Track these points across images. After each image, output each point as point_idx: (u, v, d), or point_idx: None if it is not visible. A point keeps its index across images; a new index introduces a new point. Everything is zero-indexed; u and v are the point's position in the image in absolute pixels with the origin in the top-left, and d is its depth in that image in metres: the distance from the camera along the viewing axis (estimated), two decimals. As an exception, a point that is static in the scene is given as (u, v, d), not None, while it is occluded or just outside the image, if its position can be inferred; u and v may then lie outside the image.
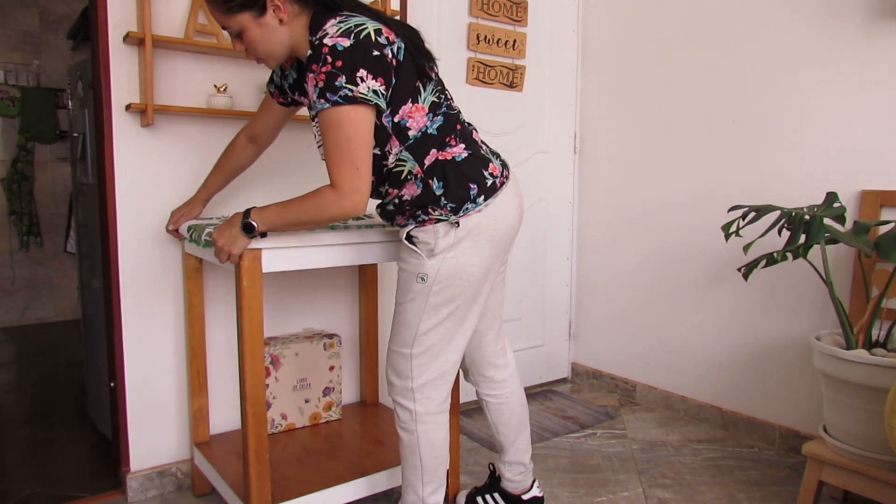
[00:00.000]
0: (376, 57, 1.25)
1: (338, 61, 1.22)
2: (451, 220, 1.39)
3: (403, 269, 1.48)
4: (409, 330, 1.47)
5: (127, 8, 1.80)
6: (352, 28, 1.25)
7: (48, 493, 2.00)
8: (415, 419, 1.50)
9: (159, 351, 1.94)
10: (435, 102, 1.39)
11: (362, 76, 1.23)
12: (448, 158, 1.39)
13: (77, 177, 2.51)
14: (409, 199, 1.42)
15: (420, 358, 1.48)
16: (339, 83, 1.22)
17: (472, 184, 1.39)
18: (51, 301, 4.52)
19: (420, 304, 1.44)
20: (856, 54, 2.09)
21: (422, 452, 1.52)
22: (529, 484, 1.80)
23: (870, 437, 1.66)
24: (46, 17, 4.36)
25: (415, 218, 1.43)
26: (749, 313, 2.42)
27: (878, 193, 2.03)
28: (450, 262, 1.41)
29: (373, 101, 1.25)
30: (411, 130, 1.36)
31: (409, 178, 1.40)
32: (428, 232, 1.41)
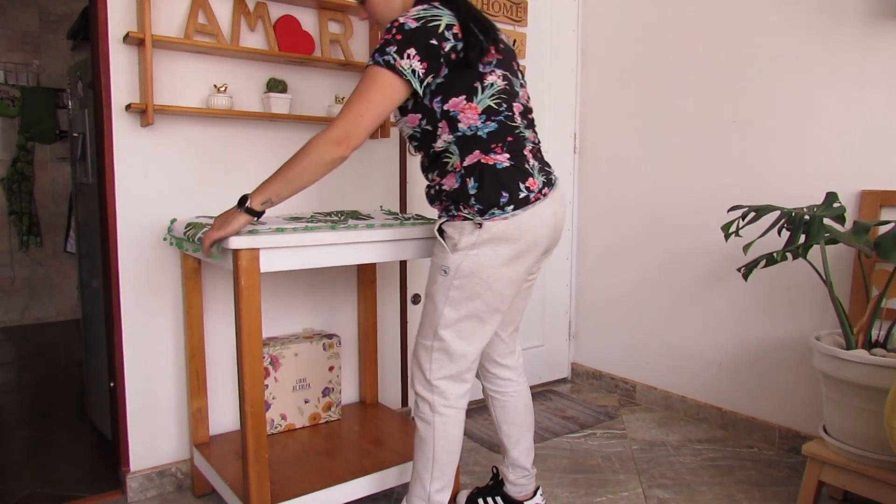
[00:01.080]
0: (431, 45, 1.38)
1: (398, 35, 1.38)
2: (476, 221, 1.46)
3: (432, 261, 1.56)
4: (431, 322, 1.53)
5: (127, 8, 1.80)
6: (425, 16, 1.39)
7: (48, 493, 2.00)
8: (432, 410, 1.55)
9: (159, 351, 1.94)
10: (492, 108, 1.47)
11: (410, 54, 1.37)
12: (489, 163, 1.46)
13: (77, 177, 2.51)
14: (447, 189, 1.51)
15: (440, 352, 1.53)
16: (390, 50, 1.37)
17: (505, 192, 1.45)
18: (51, 301, 4.52)
19: (442, 297, 1.51)
20: (856, 54, 2.09)
21: (436, 444, 1.56)
22: (532, 491, 1.80)
23: (869, 437, 1.66)
24: (46, 17, 4.36)
25: (447, 211, 1.52)
26: (749, 313, 2.42)
27: (877, 193, 2.03)
28: (470, 260, 1.47)
29: (407, 76, 1.38)
30: (461, 124, 1.46)
31: (451, 171, 1.50)
32: (455, 227, 1.49)
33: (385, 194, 2.37)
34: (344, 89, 2.23)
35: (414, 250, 1.75)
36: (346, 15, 2.18)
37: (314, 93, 2.17)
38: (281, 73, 2.09)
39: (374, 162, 2.34)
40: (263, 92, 2.05)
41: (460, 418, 1.57)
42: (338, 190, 2.26)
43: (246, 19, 2.00)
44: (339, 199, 2.26)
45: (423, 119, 1.49)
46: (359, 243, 1.64)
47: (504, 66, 1.51)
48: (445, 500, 1.61)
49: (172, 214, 1.92)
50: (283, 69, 2.10)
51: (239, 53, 1.96)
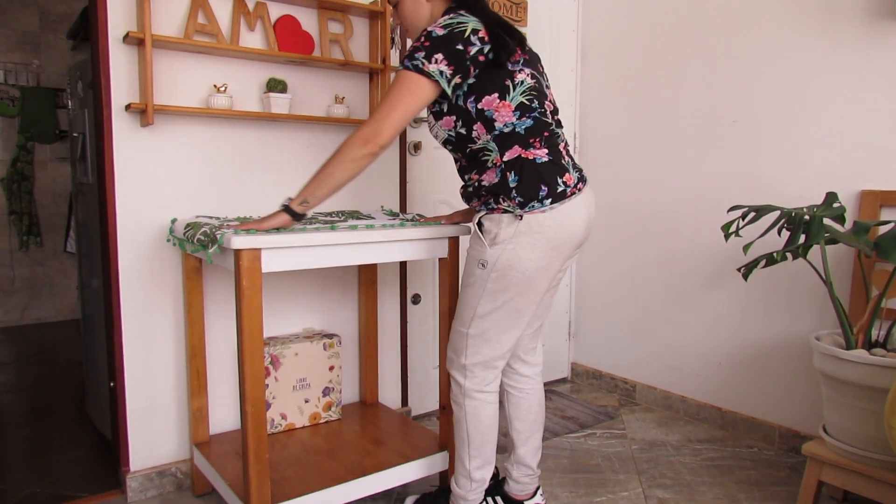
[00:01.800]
0: (458, 50, 1.46)
1: (426, 42, 1.47)
2: (516, 213, 1.51)
3: (469, 254, 1.61)
4: (468, 311, 1.60)
5: (127, 8, 1.80)
6: (452, 23, 1.48)
7: (48, 492, 2.00)
8: (464, 394, 1.64)
9: (159, 351, 1.94)
10: (525, 105, 1.53)
11: (437, 58, 1.45)
12: (529, 158, 1.52)
13: (77, 176, 2.51)
14: (486, 184, 1.55)
15: (475, 339, 1.60)
16: (419, 56, 1.46)
17: (544, 185, 1.51)
18: (50, 301, 4.52)
19: (479, 289, 1.57)
20: (856, 54, 2.09)
21: (468, 426, 1.65)
22: (533, 490, 1.82)
23: (869, 437, 1.66)
24: (46, 17, 4.36)
25: (486, 205, 1.56)
26: (749, 313, 2.42)
27: (877, 193, 2.03)
28: (508, 253, 1.52)
29: (436, 77, 1.46)
30: (497, 122, 1.52)
31: (491, 167, 1.55)
32: (493, 220, 1.54)
33: (385, 194, 2.37)
34: (344, 89, 2.23)
35: (414, 251, 1.75)
36: (345, 15, 2.18)
37: (314, 93, 2.17)
38: (281, 73, 2.09)
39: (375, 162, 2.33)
40: (263, 92, 2.05)
41: (491, 400, 1.65)
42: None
43: (246, 19, 2.00)
44: (338, 198, 2.26)
45: (458, 121, 1.55)
46: (360, 244, 1.64)
47: (531, 65, 1.57)
48: (487, 476, 1.70)
49: (172, 214, 1.92)
50: (283, 69, 2.10)
51: (239, 53, 1.96)
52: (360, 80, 2.27)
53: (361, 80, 2.28)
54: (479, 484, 1.69)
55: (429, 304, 2.60)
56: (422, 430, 2.04)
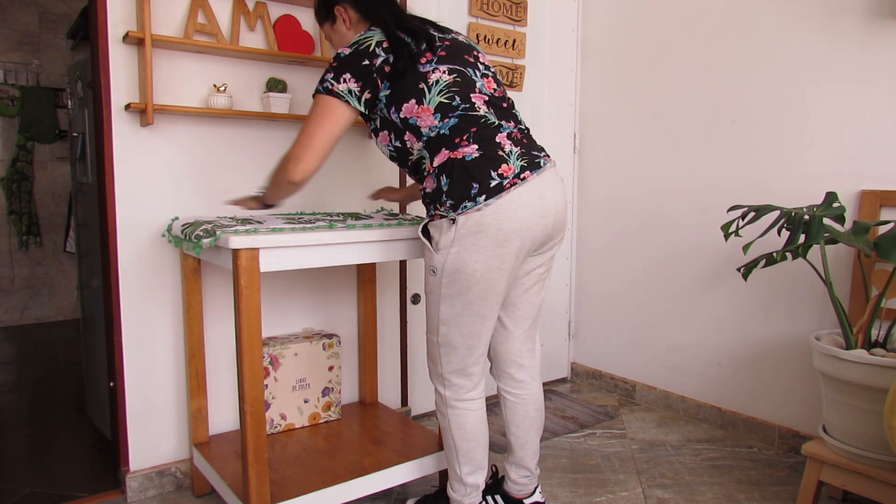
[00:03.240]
0: (363, 66, 1.50)
1: (335, 63, 1.52)
2: (449, 217, 1.47)
3: (424, 260, 1.61)
4: (432, 319, 1.59)
5: (126, 7, 1.80)
6: (358, 41, 1.52)
7: (48, 492, 2.00)
8: (445, 403, 1.63)
9: (158, 351, 1.94)
10: (444, 104, 1.50)
11: (345, 78, 1.50)
12: (458, 157, 1.48)
13: (76, 176, 2.51)
14: (428, 192, 1.55)
15: (444, 347, 1.59)
16: (328, 77, 1.51)
17: (475, 183, 1.45)
18: (50, 301, 4.52)
19: (436, 296, 1.56)
20: (856, 54, 2.09)
21: (454, 435, 1.64)
22: (532, 489, 1.81)
23: (869, 437, 1.66)
24: (46, 17, 4.36)
25: (428, 212, 1.56)
26: (749, 313, 2.42)
27: (877, 193, 2.03)
28: (453, 257, 1.49)
29: (345, 97, 1.50)
30: (422, 128, 1.52)
31: (427, 174, 1.55)
32: (435, 227, 1.52)
33: (385, 194, 2.37)
34: (344, 89, 2.23)
35: (413, 250, 1.75)
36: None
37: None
38: (280, 73, 2.09)
39: (375, 162, 2.34)
40: (263, 92, 2.05)
41: (474, 408, 1.63)
42: (338, 190, 2.26)
43: (245, 19, 2.00)
44: (339, 199, 2.26)
45: (391, 134, 1.58)
46: (357, 243, 1.64)
47: (450, 60, 1.54)
48: (479, 481, 1.68)
49: (172, 214, 1.92)
50: (283, 69, 2.10)
51: (238, 53, 1.96)
52: (360, 79, 2.27)
53: (361, 80, 2.28)
54: (472, 488, 1.68)
55: (428, 303, 2.60)
56: (421, 430, 2.04)
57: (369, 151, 2.33)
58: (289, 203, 2.14)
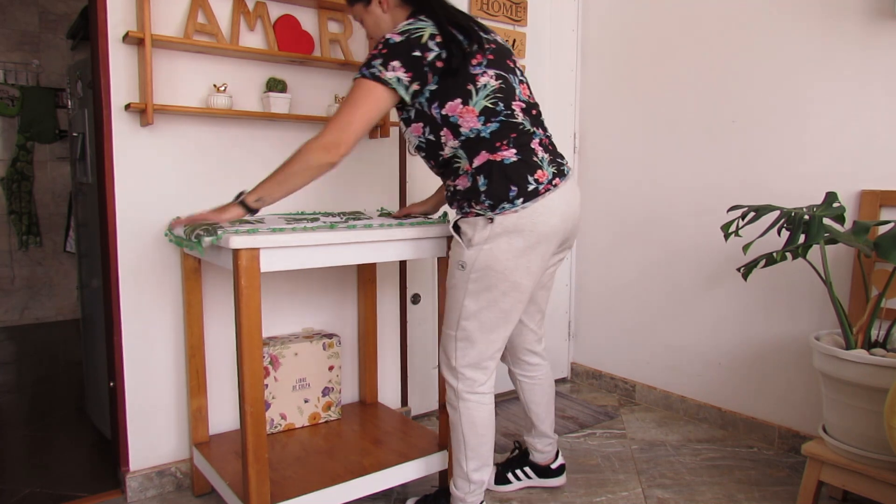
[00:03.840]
0: (414, 56, 1.47)
1: (384, 49, 1.48)
2: (487, 216, 1.53)
3: (450, 258, 1.64)
4: (453, 313, 1.62)
5: (126, 7, 1.80)
6: (409, 29, 1.48)
7: (48, 492, 2.00)
8: (457, 396, 1.65)
9: (158, 351, 1.94)
10: (489, 108, 1.53)
11: (394, 66, 1.46)
12: (497, 160, 1.53)
13: (76, 176, 2.51)
14: (461, 189, 1.58)
15: (462, 341, 1.61)
16: (375, 63, 1.47)
17: (513, 186, 1.52)
18: (50, 300, 4.52)
19: (461, 290, 1.59)
20: (856, 54, 2.09)
21: (463, 428, 1.66)
22: (555, 454, 1.99)
23: (869, 437, 1.66)
24: (46, 17, 4.36)
25: (461, 209, 1.60)
26: (749, 313, 2.42)
27: (877, 193, 2.03)
28: (485, 254, 1.54)
29: (393, 84, 1.47)
30: (462, 128, 1.53)
31: (462, 173, 1.57)
32: (468, 224, 1.57)
33: (385, 194, 2.37)
34: (344, 89, 2.23)
35: (413, 250, 1.75)
36: (345, 15, 2.18)
37: (314, 92, 2.17)
38: (280, 73, 2.09)
39: (374, 162, 2.34)
40: (263, 92, 2.05)
41: (485, 402, 1.66)
42: (338, 190, 2.26)
43: (245, 19, 2.00)
44: (338, 199, 2.26)
45: (425, 128, 1.57)
46: (358, 243, 1.64)
47: (497, 65, 1.56)
48: (484, 477, 1.70)
49: (172, 214, 1.92)
50: (283, 69, 2.10)
51: (238, 53, 1.96)
52: (360, 79, 2.27)
53: (361, 80, 2.28)
54: (477, 486, 1.70)
55: (428, 303, 2.60)
56: (421, 430, 2.04)
57: (370, 151, 2.33)
58: (289, 203, 2.14)
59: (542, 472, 1.99)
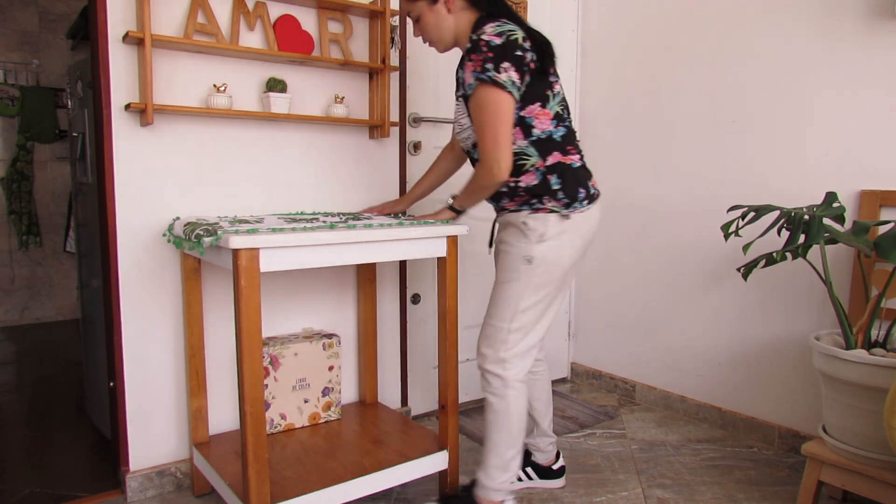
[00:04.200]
0: (518, 56, 1.52)
1: (490, 52, 1.51)
2: (562, 213, 1.64)
3: (508, 252, 1.69)
4: (509, 306, 1.67)
5: (126, 7, 1.80)
6: (505, 31, 1.53)
7: (48, 492, 2.00)
8: (505, 385, 1.70)
9: (158, 351, 1.94)
10: (559, 114, 1.64)
11: (506, 67, 1.51)
12: (567, 163, 1.64)
13: (76, 176, 2.51)
14: (524, 186, 1.64)
15: (517, 333, 1.68)
16: (489, 67, 1.51)
17: (582, 188, 1.66)
18: (50, 301, 4.52)
19: (523, 284, 1.65)
20: (855, 54, 2.09)
21: (510, 416, 1.71)
22: (555, 454, 2.02)
23: (869, 437, 1.66)
24: (46, 17, 4.36)
25: (529, 205, 1.66)
26: (748, 313, 2.42)
27: (877, 193, 2.03)
28: (554, 249, 1.64)
29: (509, 88, 1.52)
30: (535, 129, 1.61)
31: (530, 170, 1.63)
32: (539, 220, 1.64)
33: (385, 195, 2.37)
34: (343, 89, 2.23)
35: (413, 250, 1.75)
36: (345, 14, 2.18)
37: (314, 92, 2.17)
38: (280, 73, 2.09)
39: (375, 162, 2.34)
40: (263, 91, 2.05)
41: (525, 390, 1.74)
42: (338, 190, 2.26)
43: (245, 19, 2.00)
44: (339, 199, 2.26)
45: None
46: (358, 243, 1.64)
47: (558, 76, 1.67)
48: (517, 466, 1.78)
49: (172, 214, 1.92)
50: (283, 69, 2.10)
51: (238, 53, 1.96)
52: (360, 79, 2.27)
53: (361, 80, 2.28)
54: (511, 475, 1.76)
55: (428, 303, 2.60)
56: (421, 430, 2.04)
57: (370, 151, 2.33)
58: (289, 203, 2.14)
59: (543, 472, 2.00)
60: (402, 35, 2.37)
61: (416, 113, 2.50)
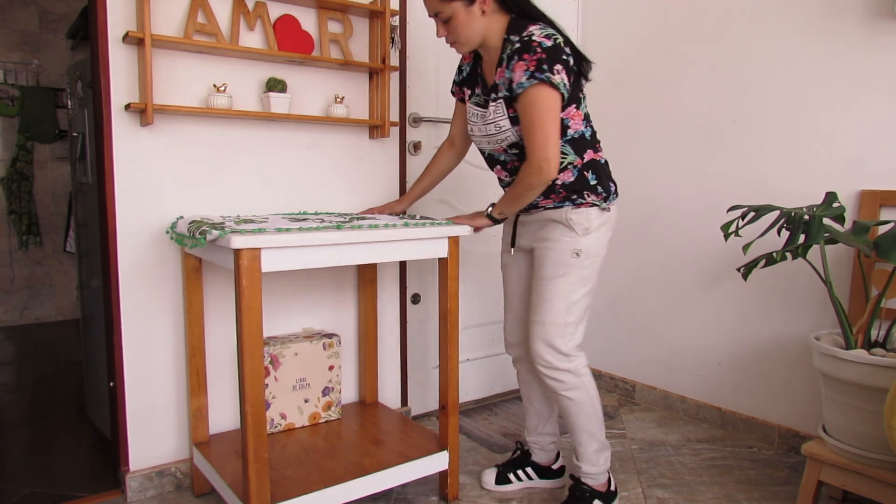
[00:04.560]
0: (565, 59, 1.57)
1: (543, 54, 1.54)
2: (602, 207, 1.73)
3: (553, 248, 1.72)
4: (563, 301, 1.71)
5: (126, 7, 1.80)
6: (551, 34, 1.57)
7: (48, 492, 2.00)
8: (577, 375, 1.74)
9: (158, 350, 1.94)
10: (587, 115, 1.72)
11: (558, 69, 1.55)
12: (598, 160, 1.74)
13: (76, 176, 2.51)
14: (561, 183, 1.69)
15: (573, 325, 1.73)
16: (545, 68, 1.53)
17: (611, 183, 1.77)
18: (50, 300, 4.52)
19: (573, 277, 1.71)
20: (855, 54, 2.09)
21: (592, 399, 1.77)
22: (556, 454, 2.03)
23: (869, 437, 1.66)
24: (46, 17, 4.36)
25: (571, 201, 1.71)
26: (748, 313, 2.42)
27: (877, 193, 2.04)
28: (597, 241, 1.73)
29: (561, 90, 1.56)
30: (570, 129, 1.66)
31: (568, 168, 1.69)
32: (582, 214, 1.71)
33: (385, 194, 2.37)
34: (343, 89, 2.23)
35: (413, 250, 1.75)
36: (345, 14, 2.18)
37: (313, 92, 2.18)
38: (280, 73, 2.09)
39: (375, 162, 2.34)
40: (263, 92, 2.05)
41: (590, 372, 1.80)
42: (338, 190, 2.26)
43: (245, 19, 2.00)
44: (338, 199, 2.26)
45: None
46: (360, 244, 1.64)
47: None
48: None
49: (172, 214, 1.92)
50: (283, 69, 2.10)
51: (238, 53, 1.96)
52: (360, 79, 2.27)
53: (361, 80, 2.28)
54: (609, 450, 1.84)
55: (429, 303, 2.60)
56: (422, 430, 2.04)
57: (370, 151, 2.33)
58: (290, 203, 2.14)
59: (544, 472, 2.00)
60: (402, 35, 2.37)
61: (416, 113, 2.50)
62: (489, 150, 1.78)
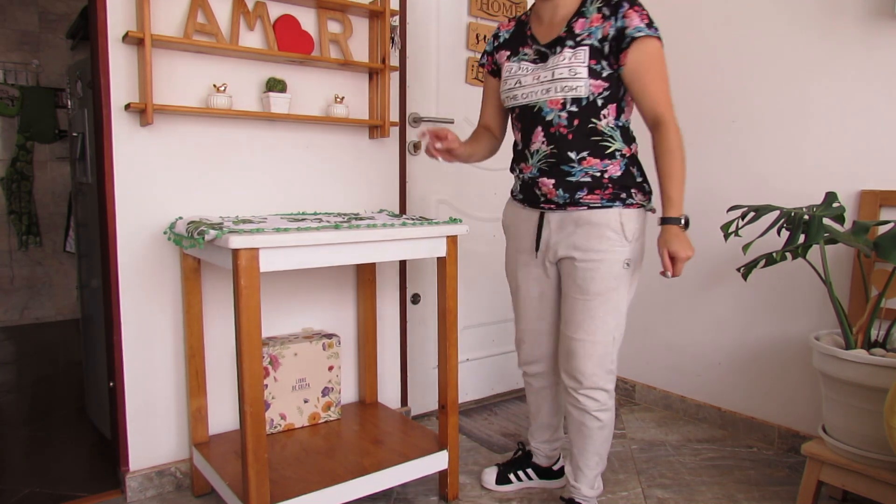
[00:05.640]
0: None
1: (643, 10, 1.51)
2: (648, 207, 1.59)
3: (604, 261, 1.53)
4: (615, 317, 1.56)
5: (126, 7, 1.80)
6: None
7: (47, 492, 2.00)
8: (611, 396, 1.65)
9: (158, 351, 1.94)
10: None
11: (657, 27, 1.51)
12: (636, 154, 1.60)
13: (76, 176, 2.51)
14: (613, 177, 1.54)
15: (619, 341, 1.62)
16: (654, 23, 1.49)
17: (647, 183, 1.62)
18: (50, 300, 4.52)
19: (624, 290, 1.56)
20: (855, 54, 2.09)
21: (613, 422, 1.69)
22: (557, 456, 2.01)
23: (869, 437, 1.66)
24: (46, 17, 4.36)
25: (621, 200, 1.55)
26: (748, 313, 2.42)
27: (877, 193, 2.03)
28: (640, 246, 1.58)
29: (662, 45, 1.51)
30: (623, 115, 1.55)
31: (616, 157, 1.53)
32: (632, 217, 1.55)
33: (385, 194, 2.37)
34: (343, 89, 2.23)
35: (412, 250, 1.75)
36: (345, 14, 2.18)
37: (313, 92, 2.17)
38: (280, 73, 2.09)
39: (375, 162, 2.34)
40: (263, 91, 2.05)
41: None
42: (338, 190, 2.26)
43: (245, 19, 2.00)
44: (338, 199, 2.26)
45: (604, 91, 1.51)
46: (358, 243, 1.64)
47: None
48: None
49: (172, 214, 1.92)
50: (283, 69, 2.10)
51: (238, 53, 1.96)
52: (360, 79, 2.27)
53: (361, 80, 2.28)
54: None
55: (429, 303, 2.60)
56: (421, 430, 2.04)
57: (370, 151, 2.33)
58: (289, 203, 2.14)
59: (544, 473, 2.00)
60: (402, 35, 2.37)
61: (416, 113, 2.50)
62: (541, 103, 1.54)
